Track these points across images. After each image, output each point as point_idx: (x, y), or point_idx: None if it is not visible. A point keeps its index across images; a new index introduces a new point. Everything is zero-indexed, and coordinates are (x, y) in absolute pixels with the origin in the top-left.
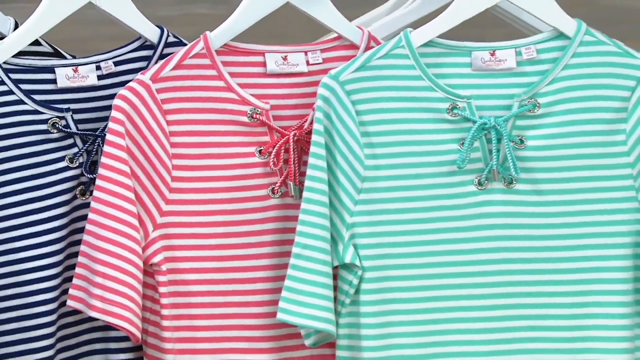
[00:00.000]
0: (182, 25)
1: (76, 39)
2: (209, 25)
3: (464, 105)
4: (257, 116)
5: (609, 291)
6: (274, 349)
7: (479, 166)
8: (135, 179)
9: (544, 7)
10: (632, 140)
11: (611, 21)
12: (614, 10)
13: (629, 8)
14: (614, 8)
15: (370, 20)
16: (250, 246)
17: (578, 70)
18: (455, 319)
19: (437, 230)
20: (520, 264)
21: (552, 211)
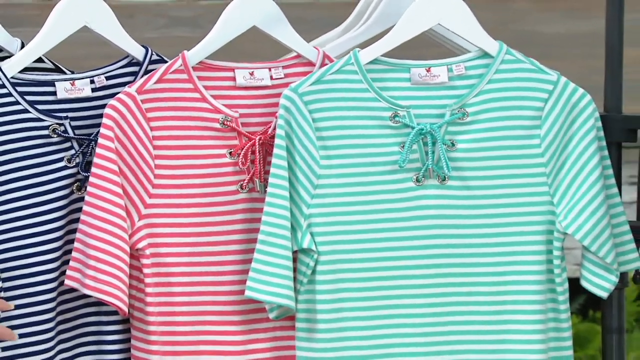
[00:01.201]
0: (164, 45)
1: (73, 57)
2: (186, 46)
3: (404, 113)
4: (228, 123)
5: (525, 271)
6: (242, 322)
7: (417, 165)
8: (123, 176)
9: (471, 31)
10: (545, 143)
11: (523, 43)
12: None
13: (537, 33)
14: (525, 32)
15: (325, 41)
16: (222, 234)
17: (500, 84)
18: (397, 295)
19: (381, 220)
20: (450, 249)
21: (479, 204)
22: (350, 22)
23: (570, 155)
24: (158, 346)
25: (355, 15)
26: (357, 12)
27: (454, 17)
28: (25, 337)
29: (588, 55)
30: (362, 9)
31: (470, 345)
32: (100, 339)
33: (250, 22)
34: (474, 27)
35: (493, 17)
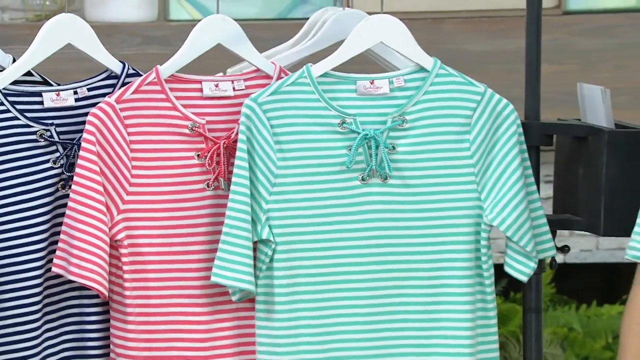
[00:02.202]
0: (139, 61)
1: (59, 71)
2: (158, 61)
3: (351, 120)
4: (196, 129)
5: (456, 259)
6: (209, 304)
7: (362, 166)
8: (104, 176)
9: (410, 48)
10: (474, 147)
11: (454, 60)
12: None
13: (465, 51)
14: (455, 50)
15: (275, 52)
16: (191, 227)
17: (435, 95)
18: (344, 280)
19: (331, 214)
20: (391, 239)
21: (416, 199)
22: (297, 39)
23: (496, 157)
24: (134, 325)
25: (302, 34)
26: (303, 32)
27: (395, 36)
28: (16, 318)
29: (510, 70)
30: (307, 29)
31: (409, 324)
32: (83, 320)
33: (215, 41)
34: (412, 45)
35: (427, 37)
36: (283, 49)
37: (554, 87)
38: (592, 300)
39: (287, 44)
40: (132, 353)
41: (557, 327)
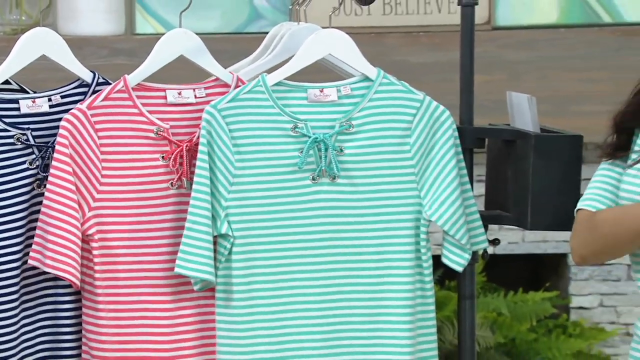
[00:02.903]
0: (108, 71)
1: (34, 80)
2: (126, 71)
3: (302, 125)
4: (161, 133)
5: (398, 251)
6: (172, 293)
7: (312, 167)
8: (76, 176)
9: (356, 60)
10: (414, 149)
11: (395, 70)
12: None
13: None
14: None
15: (239, 67)
16: (156, 222)
17: (378, 102)
18: (297, 271)
19: (284, 210)
20: (339, 233)
21: (362, 197)
22: (257, 53)
23: (434, 159)
24: (104, 313)
25: (262, 49)
26: (263, 46)
27: (342, 49)
28: None
29: (445, 80)
30: (267, 43)
31: (356, 310)
32: (57, 307)
33: (178, 53)
34: (358, 56)
35: (371, 49)
36: (245, 63)
37: (484, 95)
38: (518, 288)
39: (249, 59)
40: (103, 338)
41: (488, 312)
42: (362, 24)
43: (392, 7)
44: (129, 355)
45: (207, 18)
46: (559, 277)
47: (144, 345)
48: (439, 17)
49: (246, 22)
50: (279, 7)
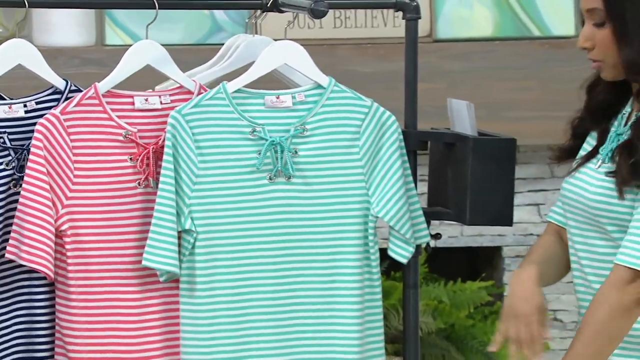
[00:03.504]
0: (80, 79)
1: (11, 87)
2: (96, 79)
3: (260, 129)
4: (129, 136)
5: (348, 244)
6: (140, 284)
7: (269, 168)
8: (50, 176)
9: (309, 69)
10: (363, 151)
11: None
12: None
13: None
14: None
15: (196, 72)
16: (124, 219)
17: (330, 108)
18: (255, 263)
19: (244, 207)
20: (294, 229)
21: (315, 195)
22: (214, 61)
23: (381, 160)
24: (76, 302)
25: (218, 57)
26: (220, 54)
27: (297, 59)
28: None
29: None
30: (223, 52)
31: (310, 299)
32: (32, 298)
33: (144, 62)
34: (311, 66)
35: (323, 60)
36: (203, 69)
37: (427, 101)
38: (457, 278)
39: (206, 65)
40: (75, 326)
41: (429, 300)
42: (314, 37)
43: (342, 20)
44: (100, 342)
45: (172, 30)
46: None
47: (113, 332)
48: (385, 30)
49: (207, 35)
50: (238, 21)
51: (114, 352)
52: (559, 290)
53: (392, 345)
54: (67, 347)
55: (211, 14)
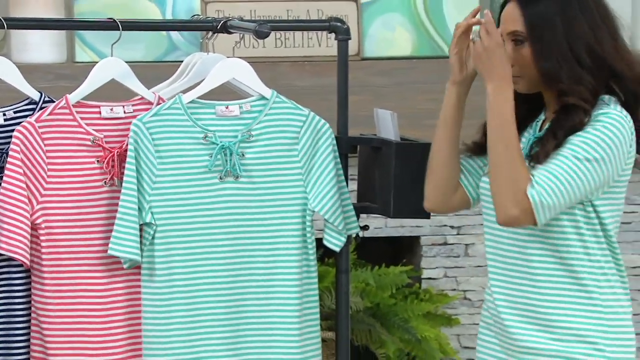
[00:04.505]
0: (53, 92)
1: None
2: (68, 92)
3: (212, 135)
4: (96, 141)
5: (289, 235)
6: (106, 270)
7: (220, 169)
8: (26, 176)
9: (254, 83)
10: (301, 154)
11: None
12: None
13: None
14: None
15: (160, 88)
16: (92, 213)
17: (273, 117)
18: (207, 252)
19: (197, 204)
20: (241, 222)
21: (260, 193)
22: (175, 77)
23: (317, 162)
24: (49, 287)
25: (178, 73)
26: (179, 71)
27: (243, 74)
28: None
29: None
30: (182, 69)
31: (255, 283)
32: (11, 283)
33: (110, 77)
34: (256, 80)
35: (266, 75)
36: (165, 85)
37: (356, 111)
38: (382, 263)
39: (169, 81)
40: (49, 307)
41: (358, 283)
42: (259, 55)
43: (282, 41)
44: (70, 320)
45: (134, 49)
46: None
47: (82, 313)
48: (319, 49)
49: (165, 53)
50: (191, 41)
51: (84, 330)
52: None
53: (326, 321)
54: (42, 326)
55: (168, 34)
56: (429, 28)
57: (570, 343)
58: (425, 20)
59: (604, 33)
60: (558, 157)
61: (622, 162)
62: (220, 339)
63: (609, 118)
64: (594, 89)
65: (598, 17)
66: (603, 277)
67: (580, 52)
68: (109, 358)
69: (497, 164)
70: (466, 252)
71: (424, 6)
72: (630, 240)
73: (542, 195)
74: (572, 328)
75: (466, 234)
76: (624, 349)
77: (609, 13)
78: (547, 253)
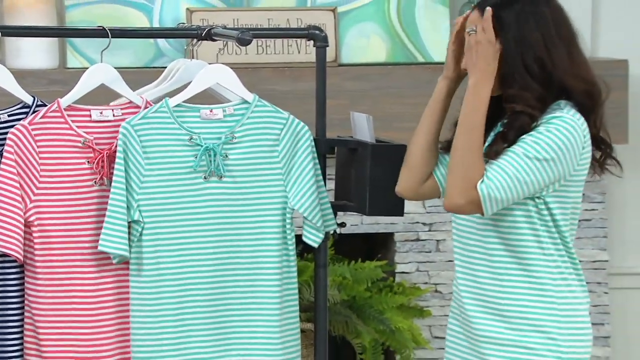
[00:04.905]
0: (46, 96)
1: None
2: (59, 96)
3: (197, 137)
4: (87, 143)
5: (270, 232)
6: (97, 265)
7: (204, 169)
8: (20, 176)
9: (237, 87)
10: (281, 156)
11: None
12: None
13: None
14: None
15: (144, 90)
16: (83, 211)
17: (255, 120)
18: (193, 247)
19: (183, 202)
20: (224, 219)
21: (242, 192)
22: (159, 81)
23: (296, 162)
24: (42, 281)
25: (162, 78)
26: (163, 76)
27: (227, 79)
28: None
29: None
30: (166, 74)
31: (239, 276)
32: (5, 277)
33: (99, 82)
34: (238, 85)
35: (248, 80)
36: (150, 87)
37: (333, 115)
38: (358, 258)
39: (153, 84)
40: (41, 300)
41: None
42: (241, 61)
43: (263, 48)
44: (61, 313)
45: (122, 55)
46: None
47: (73, 306)
48: (299, 56)
49: (152, 59)
50: (177, 48)
51: (75, 322)
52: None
53: (305, 313)
54: (35, 318)
55: (155, 42)
56: (402, 36)
57: (525, 332)
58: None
59: (558, 48)
60: (510, 154)
61: (574, 163)
62: (206, 329)
63: (562, 121)
64: (541, 97)
65: (554, 32)
66: (557, 271)
67: (530, 62)
68: (99, 348)
69: (456, 153)
70: (437, 248)
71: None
72: (590, 236)
73: (491, 188)
74: (527, 318)
75: (437, 230)
76: (578, 337)
77: (567, 29)
78: (504, 247)
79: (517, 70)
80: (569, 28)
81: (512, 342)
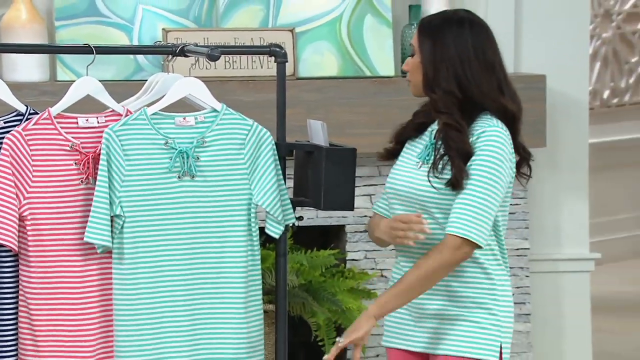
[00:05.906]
0: (38, 105)
1: None
2: (50, 105)
3: (172, 141)
4: (74, 147)
5: (237, 225)
6: (82, 254)
7: (178, 170)
8: (15, 176)
9: (207, 98)
10: (247, 158)
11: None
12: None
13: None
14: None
15: (128, 102)
16: (70, 207)
17: (223, 126)
18: (168, 239)
19: (159, 199)
20: (196, 214)
21: (212, 190)
22: (140, 93)
23: (260, 164)
24: (34, 269)
25: (143, 90)
26: (144, 89)
27: (198, 90)
28: None
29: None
30: (147, 86)
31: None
32: (1, 265)
33: (85, 93)
34: (208, 96)
35: (217, 92)
36: (133, 99)
37: (292, 122)
38: (314, 247)
39: (136, 96)
40: (33, 287)
41: (294, 264)
42: (211, 74)
43: (230, 63)
44: (51, 297)
45: (106, 70)
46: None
47: (62, 291)
48: (262, 70)
49: (132, 73)
50: (155, 63)
51: (63, 305)
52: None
53: (267, 296)
54: (28, 301)
55: (135, 58)
56: (351, 53)
57: (469, 309)
58: (349, 47)
59: (474, 66)
60: (468, 189)
61: (512, 170)
62: (179, 310)
63: (495, 136)
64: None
65: (472, 50)
66: (493, 257)
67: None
68: (85, 327)
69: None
70: None
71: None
72: (515, 228)
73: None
74: (471, 296)
75: None
76: (507, 308)
77: (488, 49)
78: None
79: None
80: (489, 49)
81: (456, 316)
